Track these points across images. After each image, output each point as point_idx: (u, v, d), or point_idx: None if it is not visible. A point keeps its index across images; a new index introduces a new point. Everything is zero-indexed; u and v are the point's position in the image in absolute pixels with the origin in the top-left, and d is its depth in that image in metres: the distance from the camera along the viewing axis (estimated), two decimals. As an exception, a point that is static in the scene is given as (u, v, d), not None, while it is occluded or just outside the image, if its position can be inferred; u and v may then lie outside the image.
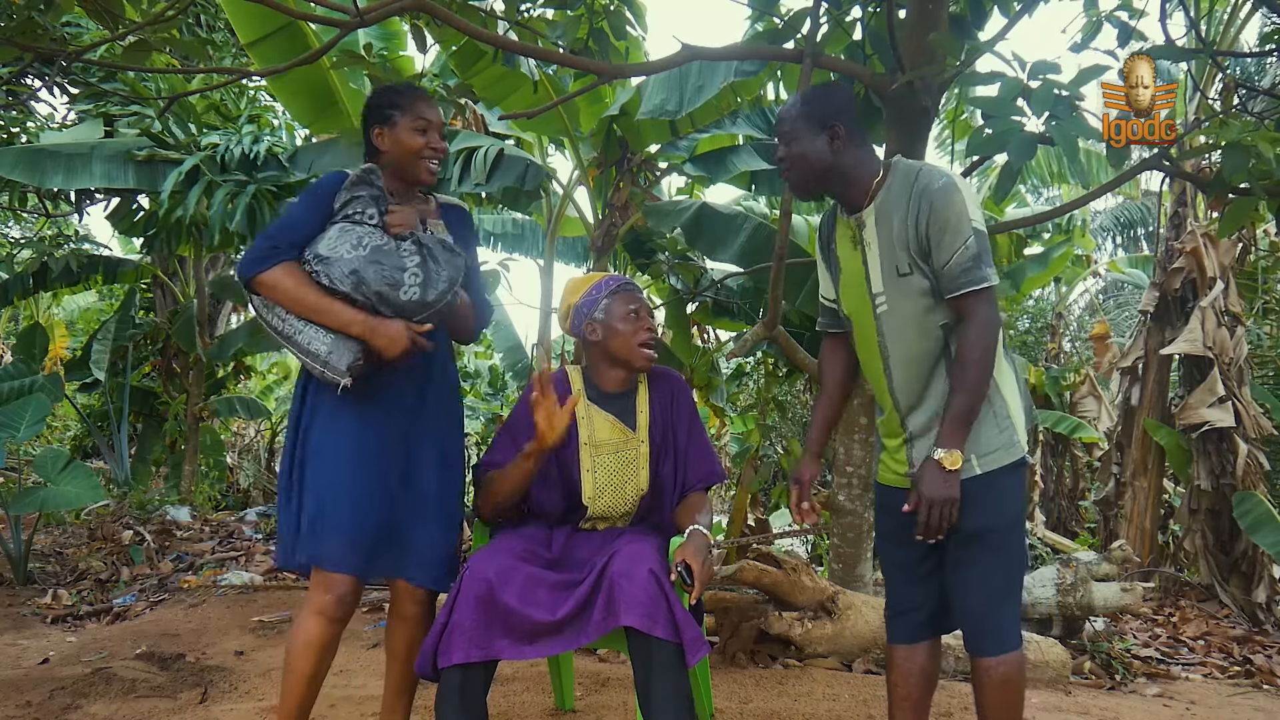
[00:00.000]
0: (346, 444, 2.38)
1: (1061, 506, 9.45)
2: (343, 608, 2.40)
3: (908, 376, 2.27)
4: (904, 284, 2.20)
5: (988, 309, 2.14)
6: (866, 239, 2.26)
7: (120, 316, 8.72)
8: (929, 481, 2.13)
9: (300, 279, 2.31)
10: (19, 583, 5.41)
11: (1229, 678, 4.59)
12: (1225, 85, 5.49)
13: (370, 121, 2.52)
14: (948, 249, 2.13)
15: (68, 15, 4.00)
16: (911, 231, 2.17)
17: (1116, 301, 15.06)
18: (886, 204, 2.22)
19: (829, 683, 3.59)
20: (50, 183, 6.30)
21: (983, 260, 2.13)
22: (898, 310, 2.24)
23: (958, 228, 2.12)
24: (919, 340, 2.23)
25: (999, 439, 2.19)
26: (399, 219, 2.41)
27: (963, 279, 2.13)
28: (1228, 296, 6.17)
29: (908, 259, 2.19)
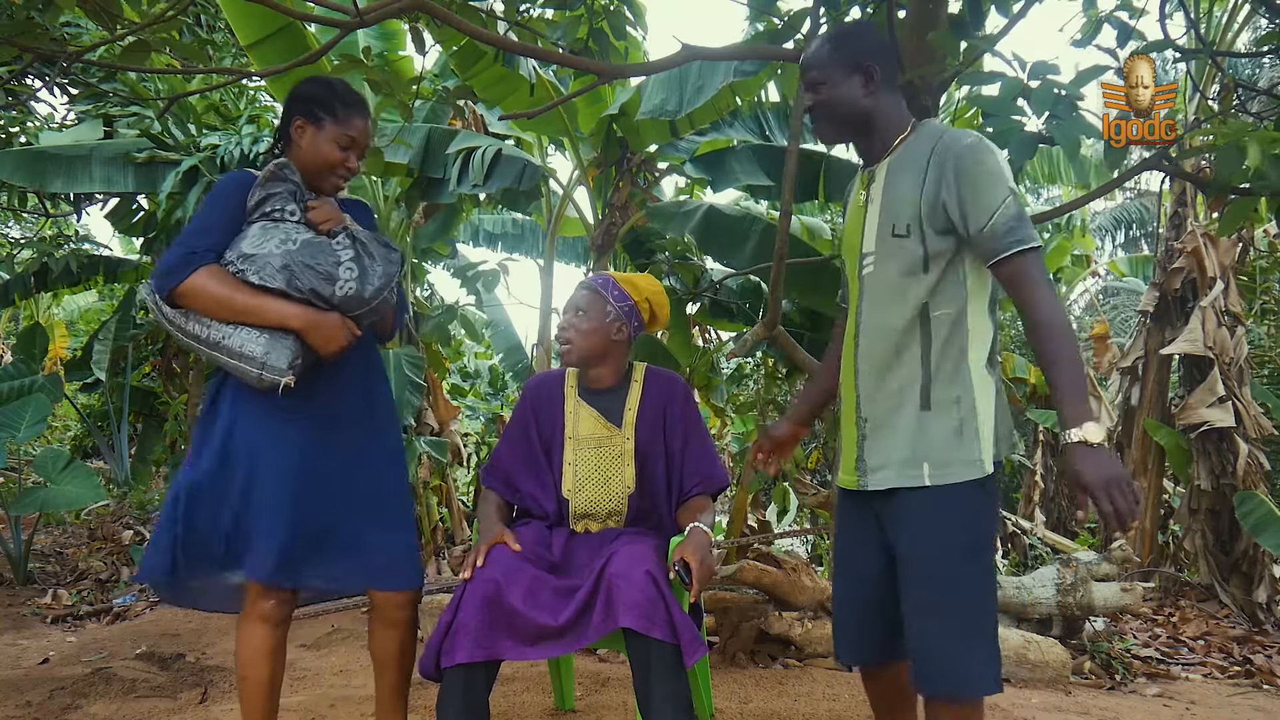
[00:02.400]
0: (281, 449, 2.28)
1: (1061, 506, 9.43)
2: (283, 610, 2.37)
3: (872, 351, 2.06)
4: (896, 246, 2.01)
5: (1040, 271, 1.91)
6: (872, 194, 2.09)
7: (120, 316, 8.72)
8: (1088, 468, 1.79)
9: (226, 280, 2.19)
10: (19, 583, 5.41)
11: (1229, 678, 4.59)
12: (1224, 85, 5.50)
13: (296, 110, 2.40)
14: (986, 208, 1.91)
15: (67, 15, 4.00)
16: (930, 189, 1.96)
17: (1115, 303, 15.06)
18: (903, 159, 2.04)
19: (829, 683, 3.59)
20: (50, 186, 6.30)
21: (1025, 220, 1.92)
22: (882, 274, 2.04)
23: (993, 185, 1.92)
24: (894, 310, 2.02)
25: (959, 450, 1.95)
26: (323, 214, 2.33)
27: (1010, 238, 1.90)
28: (1228, 296, 6.17)
29: (909, 219, 1.98)
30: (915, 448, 1.97)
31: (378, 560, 2.38)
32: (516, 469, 2.72)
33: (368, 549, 2.36)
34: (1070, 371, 1.84)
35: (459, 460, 7.11)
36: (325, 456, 2.34)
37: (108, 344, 8.47)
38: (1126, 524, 1.77)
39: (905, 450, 1.99)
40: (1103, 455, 1.78)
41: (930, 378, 1.98)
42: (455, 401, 7.82)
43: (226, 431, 2.30)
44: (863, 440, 2.07)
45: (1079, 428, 1.79)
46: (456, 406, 7.18)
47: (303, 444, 2.30)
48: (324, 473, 2.33)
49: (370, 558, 2.37)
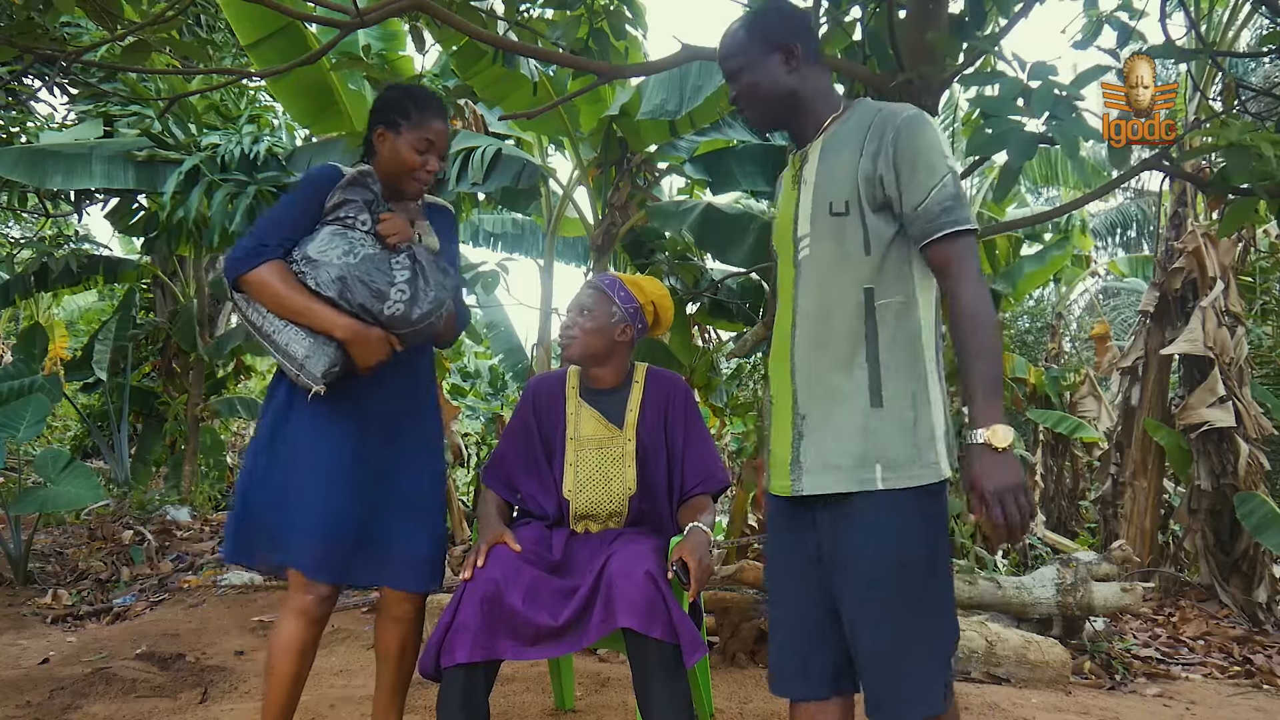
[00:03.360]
0: (324, 448, 2.35)
1: (1061, 506, 9.44)
2: (322, 607, 2.39)
3: (811, 340, 1.88)
4: (834, 225, 1.85)
5: (973, 258, 1.79)
6: (805, 175, 1.93)
7: (120, 316, 8.72)
8: (984, 470, 1.69)
9: (287, 279, 2.28)
10: (19, 583, 5.41)
11: (1229, 678, 4.59)
12: (1225, 85, 5.50)
13: (377, 120, 2.48)
14: (922, 186, 1.79)
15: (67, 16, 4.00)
16: (868, 163, 1.82)
17: (1115, 303, 15.06)
18: (837, 138, 1.90)
19: (829, 683, 3.58)
20: (50, 183, 6.30)
21: (962, 200, 1.79)
22: (819, 256, 1.87)
23: (931, 162, 1.79)
24: (834, 295, 1.85)
25: (912, 451, 1.79)
26: (393, 229, 2.37)
27: (944, 219, 1.77)
28: (1228, 296, 6.17)
29: (848, 196, 1.84)
30: (866, 448, 1.79)
31: (399, 560, 2.43)
32: (517, 469, 2.73)
33: (398, 548, 2.43)
34: (988, 368, 1.73)
35: (459, 460, 7.11)
36: (366, 458, 2.40)
37: (108, 344, 8.47)
38: (1016, 537, 1.69)
39: (854, 451, 1.80)
40: (1004, 461, 1.68)
41: (881, 371, 1.81)
42: (455, 401, 7.82)
43: (275, 423, 2.39)
44: (799, 440, 1.87)
45: (987, 429, 1.70)
46: (457, 406, 7.18)
47: (346, 444, 2.37)
48: (364, 474, 2.39)
49: (398, 556, 2.43)
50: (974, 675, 3.87)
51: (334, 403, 2.32)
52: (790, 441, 1.89)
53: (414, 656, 2.54)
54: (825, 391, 1.85)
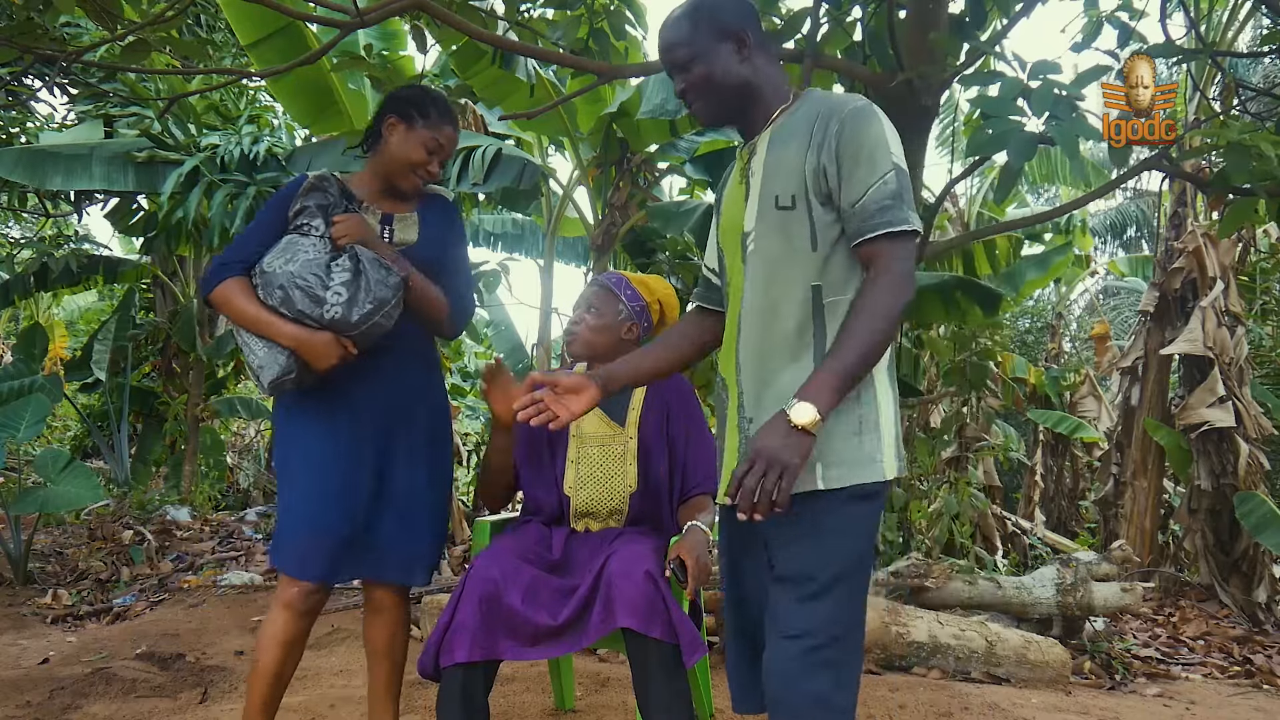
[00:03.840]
0: (309, 449, 2.40)
1: (1061, 506, 9.44)
2: (309, 601, 2.40)
3: (758, 341, 1.79)
4: (781, 220, 1.76)
5: (904, 261, 1.68)
6: (753, 168, 1.84)
7: (120, 316, 8.72)
8: (765, 432, 1.59)
9: (242, 294, 2.34)
10: (19, 583, 5.41)
11: (1229, 678, 4.59)
12: (1225, 85, 5.50)
13: (391, 109, 2.49)
14: (861, 182, 1.69)
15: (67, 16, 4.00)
16: (814, 155, 1.73)
17: (1115, 303, 15.07)
18: (786, 127, 1.81)
19: (829, 683, 3.58)
20: (50, 184, 6.31)
21: (904, 200, 1.68)
22: (765, 252, 1.78)
23: (873, 157, 1.70)
24: (781, 292, 1.76)
25: (858, 449, 1.70)
26: (342, 229, 2.37)
27: (879, 218, 1.67)
28: (1228, 297, 6.17)
29: (794, 189, 1.75)
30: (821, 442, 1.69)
31: (385, 553, 2.44)
32: (518, 458, 2.73)
33: (385, 544, 2.43)
34: (848, 357, 1.61)
35: (459, 460, 7.11)
36: (358, 455, 2.41)
37: (107, 344, 8.47)
38: (748, 505, 1.56)
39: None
40: (794, 438, 1.56)
41: None
42: (455, 401, 7.82)
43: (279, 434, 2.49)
44: (745, 445, 1.79)
45: (799, 403, 1.57)
46: (456, 406, 7.18)
47: (330, 442, 2.39)
48: (354, 471, 2.40)
49: (384, 552, 2.43)
50: (974, 675, 3.87)
51: (323, 402, 2.38)
52: (738, 446, 1.82)
53: (404, 651, 2.56)
54: (772, 395, 1.75)
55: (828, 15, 4.12)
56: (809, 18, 3.90)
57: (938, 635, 3.93)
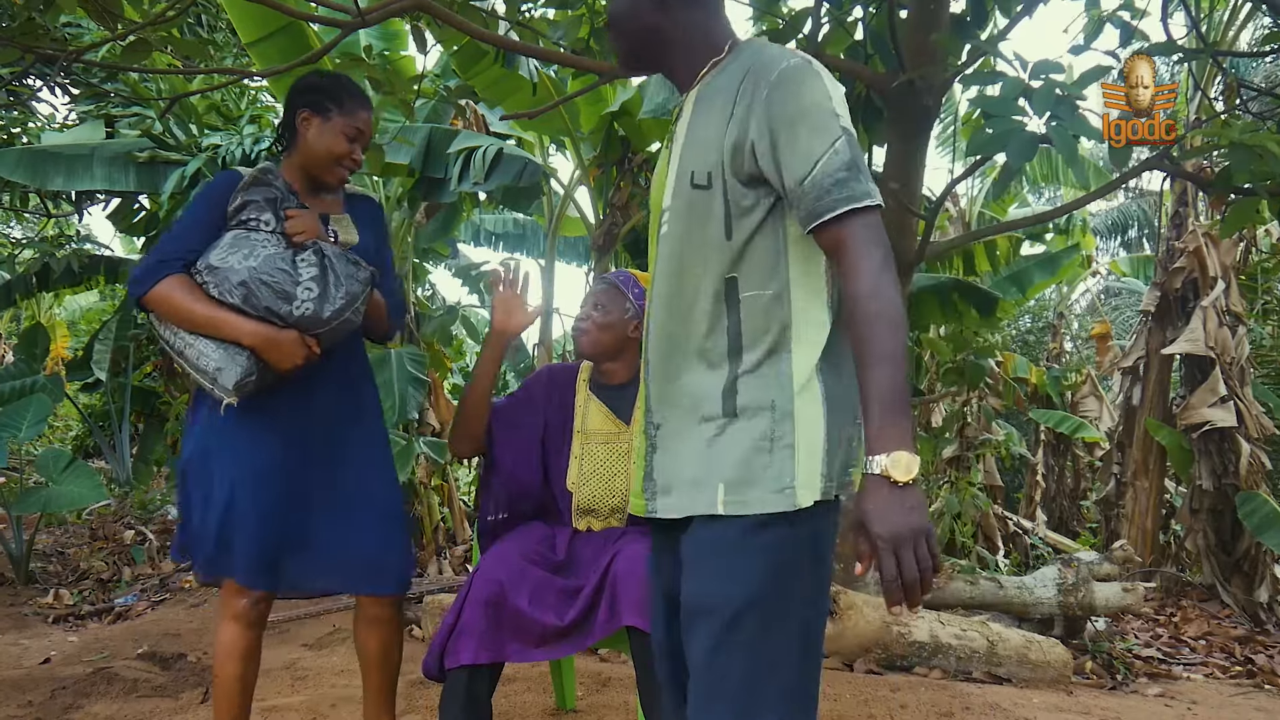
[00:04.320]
0: (249, 457, 2.27)
1: (1063, 506, 9.44)
2: (257, 610, 2.37)
3: (664, 337, 1.56)
4: (695, 200, 1.50)
5: (879, 239, 1.40)
6: (677, 133, 1.59)
7: (121, 316, 8.72)
8: (878, 510, 1.30)
9: (189, 291, 2.20)
10: (21, 582, 5.42)
11: (1231, 678, 4.59)
12: (1227, 85, 5.50)
13: (301, 102, 2.37)
14: (806, 154, 1.40)
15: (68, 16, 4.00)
16: (736, 127, 1.45)
17: (1116, 303, 15.06)
18: (711, 88, 1.54)
19: (830, 682, 3.59)
20: (51, 184, 6.31)
21: (860, 171, 1.41)
22: (677, 235, 1.53)
23: (818, 123, 1.41)
24: (690, 284, 1.52)
25: (764, 470, 1.43)
26: (300, 226, 2.28)
27: (836, 194, 1.39)
28: (1229, 296, 6.17)
29: (711, 166, 1.48)
30: (710, 464, 1.47)
31: (357, 563, 2.36)
32: (516, 463, 2.71)
33: (348, 552, 2.35)
34: (890, 377, 1.34)
35: (459, 460, 7.11)
36: (305, 459, 2.33)
37: (108, 344, 8.48)
38: (915, 597, 1.29)
39: (697, 466, 1.48)
40: (905, 498, 1.29)
41: (737, 375, 1.48)
42: (456, 401, 7.82)
43: (201, 431, 2.32)
44: (652, 452, 1.57)
45: (887, 455, 1.30)
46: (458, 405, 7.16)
47: (280, 446, 2.30)
48: (303, 475, 2.32)
49: (349, 560, 2.36)
50: (975, 675, 3.87)
51: (259, 412, 2.25)
52: (644, 453, 1.60)
53: (398, 658, 2.51)
54: (677, 397, 1.54)
55: (829, 15, 4.12)
56: (810, 18, 3.90)
57: (939, 635, 3.93)
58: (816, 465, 1.44)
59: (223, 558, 2.29)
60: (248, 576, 2.28)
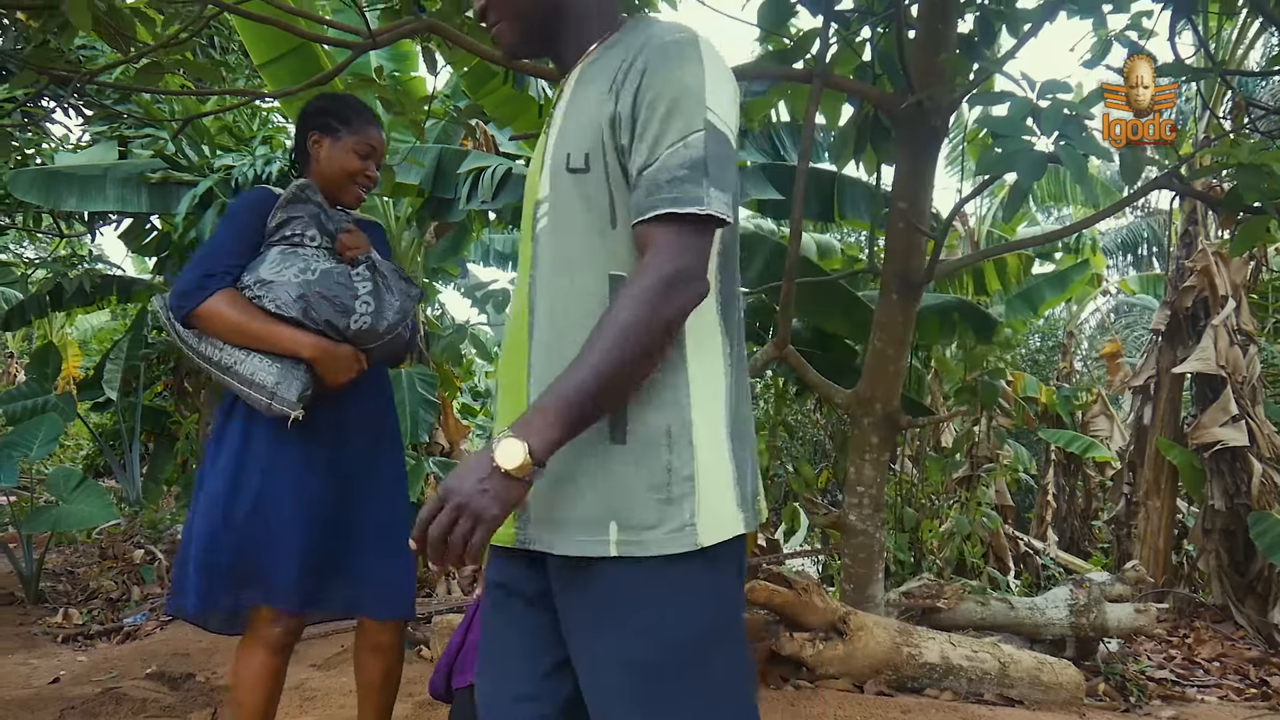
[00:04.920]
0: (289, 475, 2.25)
1: (1074, 526, 9.39)
2: (289, 637, 2.36)
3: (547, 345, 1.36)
4: (574, 186, 1.33)
5: (682, 258, 1.23)
6: (554, 116, 1.43)
7: (133, 336, 8.76)
8: (462, 470, 1.20)
9: (243, 305, 2.18)
10: (30, 601, 5.42)
11: (1245, 700, 4.55)
12: (1235, 104, 5.50)
13: (311, 126, 2.39)
14: (653, 139, 1.26)
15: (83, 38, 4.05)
16: (610, 106, 1.31)
17: (1127, 321, 15.02)
18: (598, 65, 1.39)
19: (841, 704, 3.56)
20: (65, 205, 6.36)
21: (708, 172, 1.24)
22: (556, 227, 1.36)
23: (681, 107, 1.26)
24: (572, 283, 1.34)
25: (662, 510, 1.27)
26: (355, 242, 2.32)
27: (664, 193, 1.24)
28: (1240, 315, 6.16)
29: (590, 147, 1.32)
30: (601, 498, 1.29)
31: (369, 588, 2.36)
32: None
33: (364, 576, 2.35)
34: (586, 383, 1.19)
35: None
36: (334, 482, 2.32)
37: (120, 363, 8.51)
38: (434, 552, 1.19)
39: (586, 501, 1.30)
40: (493, 481, 1.17)
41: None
42: (465, 421, 7.83)
43: (237, 454, 2.27)
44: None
45: (507, 439, 1.18)
46: (467, 426, 7.19)
47: (312, 469, 2.29)
48: (332, 499, 2.31)
49: (363, 584, 2.35)
50: (987, 697, 3.84)
51: (303, 430, 2.22)
52: None
53: (397, 684, 2.49)
54: None
55: (837, 36, 4.14)
56: (818, 38, 3.92)
57: (950, 656, 3.91)
58: (724, 498, 1.31)
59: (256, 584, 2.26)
60: (288, 599, 2.26)
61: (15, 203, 7.01)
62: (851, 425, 4.48)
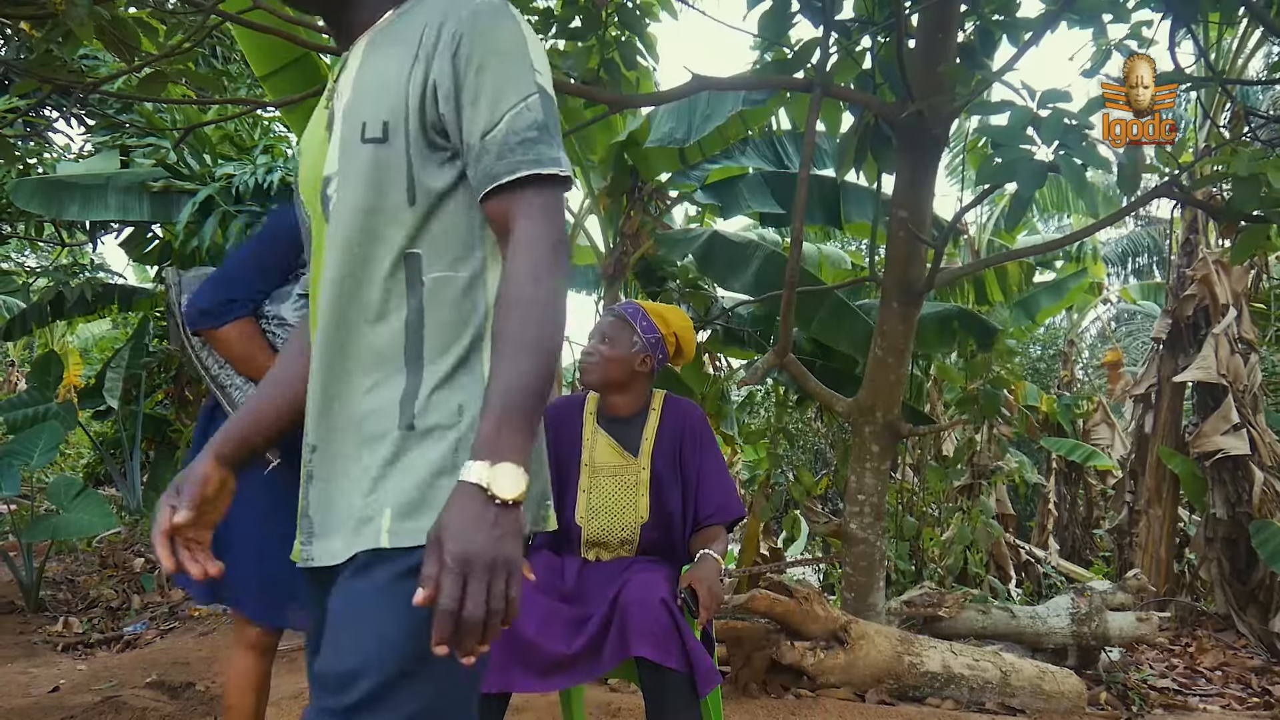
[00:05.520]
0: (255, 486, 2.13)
1: (1075, 535, 9.38)
2: (270, 638, 2.37)
3: (330, 329, 1.24)
4: (368, 159, 1.21)
5: (553, 220, 1.17)
6: (341, 87, 1.30)
7: (134, 345, 8.76)
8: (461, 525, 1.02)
9: (254, 340, 2.18)
10: (30, 610, 5.42)
11: (1247, 709, 4.53)
12: (1235, 113, 5.51)
13: None
14: (491, 103, 1.18)
15: (85, 49, 4.06)
16: (419, 72, 1.20)
17: (1129, 329, 15.02)
18: (393, 29, 1.28)
19: (841, 713, 3.56)
20: (66, 214, 6.37)
21: (552, 135, 1.20)
22: (347, 203, 1.23)
23: (511, 70, 1.19)
24: (361, 263, 1.22)
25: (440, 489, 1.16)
26: None
27: (520, 155, 1.16)
28: (1240, 324, 6.16)
29: (388, 115, 1.21)
30: (380, 489, 1.17)
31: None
32: None
33: None
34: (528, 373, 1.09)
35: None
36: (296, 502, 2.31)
37: (120, 372, 8.51)
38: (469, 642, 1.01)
39: (364, 500, 1.18)
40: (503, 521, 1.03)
41: (420, 379, 1.20)
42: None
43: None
44: (309, 481, 1.27)
45: (491, 463, 1.04)
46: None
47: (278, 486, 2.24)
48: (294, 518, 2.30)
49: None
50: (988, 706, 3.83)
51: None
52: (303, 481, 1.29)
53: None
54: (340, 409, 1.23)
55: (837, 45, 4.15)
56: (818, 48, 3.93)
57: (951, 665, 3.90)
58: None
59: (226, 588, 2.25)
60: (252, 609, 2.28)
61: (17, 212, 7.02)
62: (852, 433, 4.48)
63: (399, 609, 1.10)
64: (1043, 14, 3.61)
